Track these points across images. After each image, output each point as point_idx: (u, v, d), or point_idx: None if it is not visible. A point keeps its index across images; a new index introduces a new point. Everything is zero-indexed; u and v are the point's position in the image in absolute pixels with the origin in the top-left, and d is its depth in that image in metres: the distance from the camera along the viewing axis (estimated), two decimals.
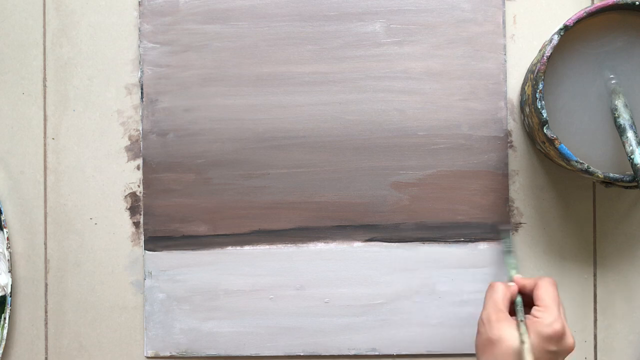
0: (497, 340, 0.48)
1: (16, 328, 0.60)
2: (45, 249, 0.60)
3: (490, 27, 0.59)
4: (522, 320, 0.49)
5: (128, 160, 0.60)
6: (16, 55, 0.60)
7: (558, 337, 0.48)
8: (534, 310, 0.50)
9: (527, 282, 0.52)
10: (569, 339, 0.49)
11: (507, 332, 0.48)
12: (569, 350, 0.49)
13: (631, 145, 0.49)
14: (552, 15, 0.59)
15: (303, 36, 0.59)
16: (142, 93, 0.60)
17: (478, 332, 0.51)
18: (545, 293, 0.50)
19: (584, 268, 0.59)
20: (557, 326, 0.48)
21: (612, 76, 0.52)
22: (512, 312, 0.51)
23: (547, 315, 0.49)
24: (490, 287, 0.52)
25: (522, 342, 0.47)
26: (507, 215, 0.58)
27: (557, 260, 0.59)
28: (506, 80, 0.58)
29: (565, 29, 0.50)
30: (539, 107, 0.50)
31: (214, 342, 0.59)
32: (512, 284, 0.52)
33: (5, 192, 0.60)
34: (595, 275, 0.59)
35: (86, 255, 0.60)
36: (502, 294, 0.51)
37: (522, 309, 0.51)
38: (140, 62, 0.60)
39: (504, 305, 0.50)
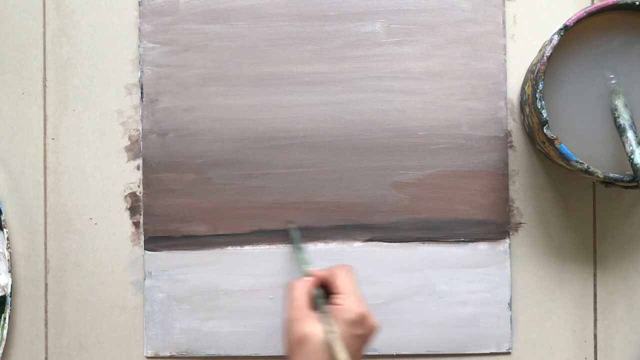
0: (305, 338, 0.48)
1: (16, 328, 0.60)
2: (45, 249, 0.60)
3: (490, 27, 0.59)
4: (325, 312, 0.49)
5: (128, 160, 0.60)
6: (16, 55, 0.60)
7: (362, 320, 0.49)
8: (334, 298, 0.50)
9: (323, 274, 0.52)
10: (372, 320, 0.49)
11: (312, 327, 0.48)
12: (374, 330, 0.49)
13: (631, 145, 0.49)
14: (552, 15, 0.59)
15: (303, 36, 0.59)
16: (142, 93, 0.60)
17: (284, 335, 0.50)
18: (341, 280, 0.51)
19: (584, 268, 0.59)
20: (359, 309, 0.49)
21: (612, 76, 0.52)
22: (315, 307, 0.51)
23: (348, 300, 0.49)
24: (288, 287, 0.52)
25: (329, 332, 0.47)
26: (507, 215, 0.58)
27: (557, 260, 0.59)
28: (506, 80, 0.58)
29: (565, 29, 0.50)
30: (539, 107, 0.50)
31: (214, 342, 0.59)
32: (308, 278, 0.52)
33: (5, 192, 0.60)
34: (595, 275, 0.59)
35: (86, 255, 0.60)
36: (300, 291, 0.51)
37: (323, 300, 0.51)
38: (140, 62, 0.60)
39: (304, 302, 0.50)
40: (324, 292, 0.52)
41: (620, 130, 0.50)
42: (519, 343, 0.59)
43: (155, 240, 0.59)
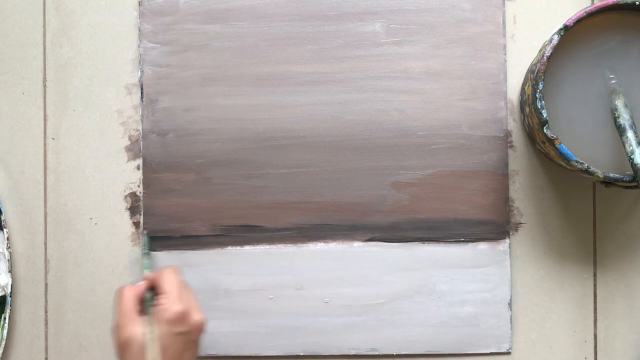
0: (128, 342, 0.48)
1: (16, 328, 0.60)
2: (45, 249, 0.60)
3: (490, 27, 0.59)
4: (149, 314, 0.50)
5: (128, 160, 0.60)
6: (16, 55, 0.60)
7: (180, 318, 0.49)
8: (158, 299, 0.50)
9: (153, 276, 0.53)
10: (195, 316, 0.50)
11: (135, 330, 0.49)
12: (199, 326, 0.50)
13: (631, 145, 0.49)
14: (552, 15, 0.59)
15: (303, 36, 0.59)
16: (142, 93, 0.60)
17: (114, 344, 0.50)
18: (164, 281, 0.51)
19: (584, 268, 0.59)
20: (177, 307, 0.49)
21: (612, 76, 0.52)
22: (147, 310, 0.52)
23: (167, 300, 0.50)
24: (117, 293, 0.52)
25: (148, 333, 0.48)
26: (507, 215, 0.58)
27: (557, 260, 0.59)
28: (506, 80, 0.58)
29: (565, 29, 0.50)
30: (539, 107, 0.50)
31: (214, 342, 0.59)
32: (139, 283, 0.53)
33: (5, 192, 0.60)
34: (595, 275, 0.59)
35: (86, 255, 0.60)
36: (128, 296, 0.51)
37: (152, 303, 0.51)
38: (140, 62, 0.60)
39: (130, 307, 0.50)
40: (155, 294, 0.52)
41: (620, 130, 0.50)
42: (519, 343, 0.59)
43: (155, 240, 0.59)
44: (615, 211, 0.59)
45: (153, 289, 0.53)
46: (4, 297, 0.59)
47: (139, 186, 0.60)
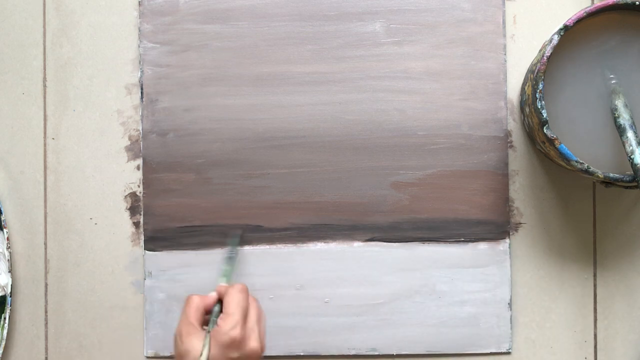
0: (185, 354, 0.48)
1: (16, 328, 0.60)
2: (45, 249, 0.60)
3: (490, 27, 0.59)
4: (208, 331, 0.49)
5: (128, 160, 0.60)
6: (16, 55, 0.60)
7: (237, 344, 0.48)
8: (219, 318, 0.50)
9: (223, 290, 0.52)
10: (252, 343, 0.49)
11: (193, 344, 0.48)
12: (253, 354, 0.49)
13: (631, 145, 0.49)
14: (552, 15, 0.59)
15: (303, 36, 0.59)
16: (142, 93, 0.60)
17: (173, 349, 0.50)
18: (230, 300, 0.50)
19: (584, 268, 0.59)
20: (234, 333, 0.48)
21: (612, 76, 0.52)
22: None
23: (227, 322, 0.49)
24: (186, 301, 0.51)
25: (201, 352, 0.48)
26: (507, 215, 0.58)
27: (557, 260, 0.59)
28: (506, 80, 0.58)
29: (565, 29, 0.50)
30: (539, 107, 0.50)
31: None
32: (213, 293, 0.52)
33: (5, 192, 0.60)
34: (595, 275, 0.59)
35: (86, 255, 0.60)
36: (195, 306, 0.51)
37: (216, 318, 0.50)
38: (140, 62, 0.60)
39: (195, 318, 0.50)
40: (221, 310, 0.52)
41: (620, 130, 0.50)
42: (519, 343, 0.59)
43: (155, 240, 0.59)
44: (615, 211, 0.59)
45: (221, 303, 0.52)
46: (4, 297, 0.59)
47: (139, 186, 0.60)
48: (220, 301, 0.52)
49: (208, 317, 0.51)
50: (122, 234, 0.60)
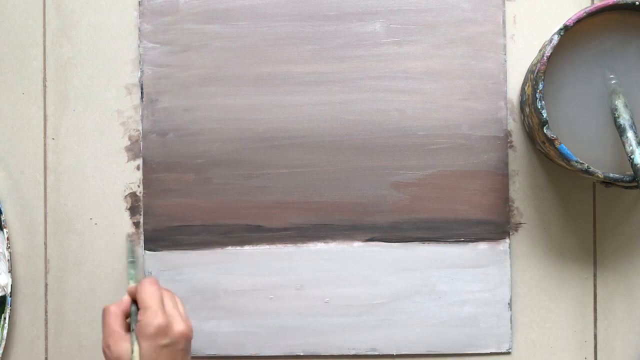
0: None
1: (16, 328, 0.60)
2: (45, 249, 0.60)
3: (490, 27, 0.59)
4: (133, 330, 0.49)
5: (128, 160, 0.60)
6: (16, 55, 0.60)
7: (163, 330, 0.48)
8: (139, 314, 0.50)
9: (135, 290, 0.52)
10: (177, 326, 0.49)
11: (122, 348, 0.48)
12: (183, 335, 0.49)
13: (631, 145, 0.49)
14: (552, 15, 0.59)
15: (303, 36, 0.59)
16: (142, 93, 0.60)
17: None
18: (142, 294, 0.50)
19: (584, 268, 0.59)
20: (157, 321, 0.48)
21: (612, 76, 0.52)
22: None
23: (146, 315, 0.49)
24: (103, 313, 0.51)
25: (131, 352, 0.48)
26: (507, 215, 0.58)
27: (557, 260, 0.59)
28: (506, 80, 0.58)
29: (565, 29, 0.50)
30: (539, 107, 0.50)
31: (214, 342, 0.59)
32: (125, 297, 0.52)
33: (5, 192, 0.60)
34: (595, 275, 0.59)
35: (86, 255, 0.60)
36: (113, 314, 0.50)
37: (136, 317, 0.50)
38: (140, 62, 0.60)
39: (117, 325, 0.50)
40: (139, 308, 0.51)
41: (620, 130, 0.50)
42: (519, 343, 0.59)
43: (155, 240, 0.59)
44: (615, 211, 0.59)
45: (136, 302, 0.52)
46: (4, 297, 0.59)
47: (139, 186, 0.60)
48: (134, 301, 0.52)
49: (129, 321, 0.51)
50: (122, 234, 0.60)
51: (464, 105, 0.59)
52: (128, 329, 0.51)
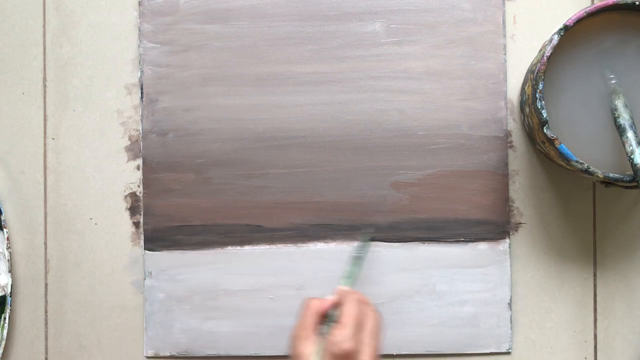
0: (299, 357, 0.48)
1: (16, 328, 0.60)
2: (45, 249, 0.60)
3: (490, 27, 0.59)
4: (323, 335, 0.48)
5: (128, 160, 0.60)
6: (16, 55, 0.60)
7: (347, 357, 0.47)
8: (334, 327, 0.49)
9: (340, 297, 0.51)
10: (362, 357, 0.47)
11: (306, 349, 0.48)
12: None
13: (631, 145, 0.49)
14: (552, 15, 0.59)
15: (303, 36, 0.59)
16: (142, 93, 0.60)
17: (288, 351, 0.50)
18: (346, 310, 0.49)
19: (584, 268, 0.59)
20: (345, 346, 0.47)
21: (612, 76, 0.52)
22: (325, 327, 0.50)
23: (340, 333, 0.48)
24: (304, 304, 0.51)
25: (314, 356, 0.47)
26: (507, 215, 0.58)
27: (557, 260, 0.59)
28: (506, 80, 0.58)
29: (565, 29, 0.50)
30: (539, 107, 0.50)
31: (214, 342, 0.59)
32: (327, 298, 0.51)
33: (5, 192, 0.60)
34: (595, 275, 0.59)
35: (86, 255, 0.60)
36: (312, 310, 0.50)
37: (332, 323, 0.49)
38: (140, 62, 0.60)
39: (311, 322, 0.49)
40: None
41: (620, 130, 0.50)
42: (519, 343, 0.59)
43: (155, 240, 0.59)
44: (615, 211, 0.59)
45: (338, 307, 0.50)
46: (4, 297, 0.59)
47: (139, 186, 0.60)
48: (338, 305, 0.51)
49: (322, 323, 0.50)
50: (122, 234, 0.60)
51: (464, 105, 0.59)
52: (320, 329, 0.50)
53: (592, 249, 0.59)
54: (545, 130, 0.50)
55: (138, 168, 0.60)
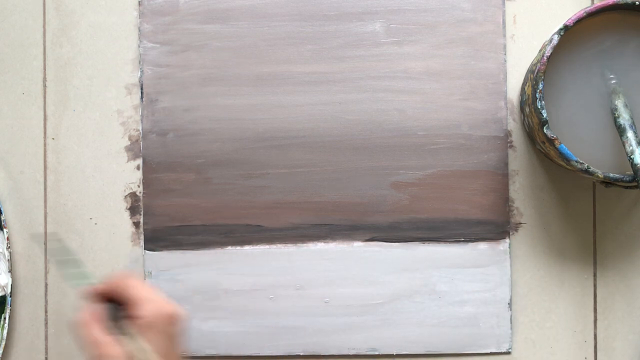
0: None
1: (16, 328, 0.60)
2: (45, 249, 0.60)
3: (490, 27, 0.59)
4: (128, 332, 0.44)
5: (128, 160, 0.60)
6: (16, 55, 0.60)
7: (174, 318, 0.44)
8: (135, 311, 0.44)
9: (108, 288, 0.46)
10: (180, 312, 0.45)
11: (116, 353, 0.43)
12: (182, 321, 0.45)
13: (631, 145, 0.49)
14: (552, 15, 0.59)
15: (303, 36, 0.59)
16: (142, 93, 0.60)
17: None
18: (131, 288, 0.45)
19: (584, 268, 0.59)
20: (168, 309, 0.44)
21: (612, 76, 0.52)
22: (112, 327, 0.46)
23: (150, 305, 0.44)
24: (77, 326, 0.45)
25: (141, 351, 0.43)
26: (507, 215, 0.58)
27: (557, 260, 0.59)
28: (506, 80, 0.58)
29: (565, 29, 0.50)
30: (539, 107, 0.50)
31: (214, 342, 0.59)
32: (93, 304, 0.46)
33: (5, 192, 0.60)
34: (595, 275, 0.59)
35: (86, 255, 0.60)
36: (91, 322, 0.45)
37: (116, 317, 0.46)
38: (140, 62, 0.60)
39: (100, 334, 0.44)
40: (115, 307, 0.46)
41: (620, 130, 0.50)
42: (519, 343, 0.59)
43: (155, 240, 0.59)
44: (615, 211, 0.59)
45: (112, 302, 0.46)
46: (4, 297, 0.59)
47: (139, 186, 0.60)
48: (112, 302, 0.46)
49: (109, 324, 0.46)
50: (122, 234, 0.60)
51: (464, 105, 0.59)
52: (115, 331, 0.45)
53: (592, 249, 0.59)
54: (545, 130, 0.50)
55: (138, 168, 0.60)
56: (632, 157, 0.49)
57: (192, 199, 0.59)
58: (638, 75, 0.52)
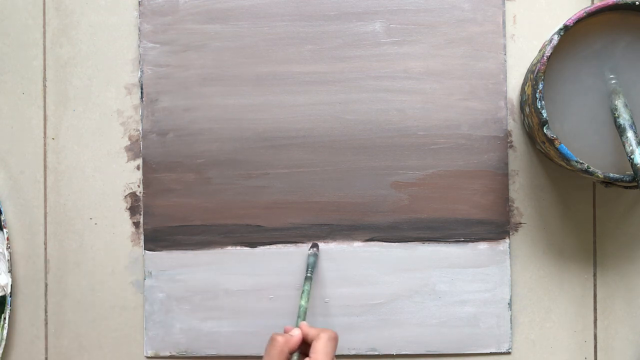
0: None
1: (16, 328, 0.60)
2: (45, 249, 0.60)
3: (490, 27, 0.59)
4: None
5: (128, 160, 0.60)
6: (16, 55, 0.60)
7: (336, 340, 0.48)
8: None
9: (311, 332, 0.51)
10: None
11: None
12: None
13: (631, 145, 0.49)
14: (552, 15, 0.59)
15: (303, 36, 0.59)
16: (142, 93, 0.60)
17: None
18: (319, 346, 0.49)
19: (584, 268, 0.59)
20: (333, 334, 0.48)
21: (612, 76, 0.52)
22: None
23: None
24: (270, 341, 0.50)
25: None
26: (507, 215, 0.58)
27: (557, 260, 0.59)
28: (506, 80, 0.59)
29: (565, 29, 0.50)
30: (539, 107, 0.50)
31: (214, 342, 0.59)
32: (295, 331, 0.51)
33: (5, 192, 0.60)
34: (595, 275, 0.59)
35: (86, 255, 0.60)
36: (279, 349, 0.49)
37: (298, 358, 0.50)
38: (140, 62, 0.60)
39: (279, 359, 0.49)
40: (303, 350, 0.51)
41: (620, 130, 0.50)
42: (519, 343, 0.59)
43: (155, 240, 0.59)
44: (615, 211, 0.59)
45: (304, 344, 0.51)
46: (4, 297, 0.59)
47: (139, 186, 0.60)
48: (304, 341, 0.51)
49: (290, 357, 0.50)
50: (122, 234, 0.60)
51: (464, 105, 0.59)
52: None
53: (592, 249, 0.59)
54: (545, 130, 0.50)
55: (138, 168, 0.60)
56: (632, 157, 0.49)
57: (192, 199, 0.59)
58: (638, 75, 0.52)
